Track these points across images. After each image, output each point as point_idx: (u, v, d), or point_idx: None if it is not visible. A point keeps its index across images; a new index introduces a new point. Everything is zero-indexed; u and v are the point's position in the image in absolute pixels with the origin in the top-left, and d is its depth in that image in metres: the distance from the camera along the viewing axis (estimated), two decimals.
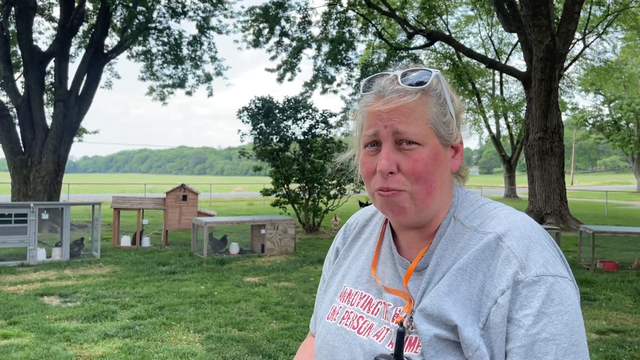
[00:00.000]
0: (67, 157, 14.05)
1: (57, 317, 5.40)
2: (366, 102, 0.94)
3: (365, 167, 0.94)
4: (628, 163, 43.38)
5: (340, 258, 1.12)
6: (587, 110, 39.78)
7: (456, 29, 28.32)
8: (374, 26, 19.10)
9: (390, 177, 0.89)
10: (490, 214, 0.93)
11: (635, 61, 32.44)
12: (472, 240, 0.90)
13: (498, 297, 0.83)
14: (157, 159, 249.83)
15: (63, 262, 8.44)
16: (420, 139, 0.89)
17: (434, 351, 0.84)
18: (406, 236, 0.99)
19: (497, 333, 0.82)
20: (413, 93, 0.90)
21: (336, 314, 1.02)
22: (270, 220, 9.82)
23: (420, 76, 0.91)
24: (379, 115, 0.90)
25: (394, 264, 0.99)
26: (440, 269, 0.90)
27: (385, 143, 0.90)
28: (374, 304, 0.98)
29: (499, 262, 0.85)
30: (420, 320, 0.87)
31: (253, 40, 18.49)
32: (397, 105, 0.89)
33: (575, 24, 14.70)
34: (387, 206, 0.91)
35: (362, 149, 0.95)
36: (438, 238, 0.94)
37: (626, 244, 11.10)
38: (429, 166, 0.89)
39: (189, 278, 7.45)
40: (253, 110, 13.18)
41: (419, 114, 0.90)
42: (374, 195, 0.93)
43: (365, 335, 0.94)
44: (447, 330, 0.85)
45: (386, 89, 0.91)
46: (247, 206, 25.08)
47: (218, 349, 4.52)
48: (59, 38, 13.81)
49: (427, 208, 0.92)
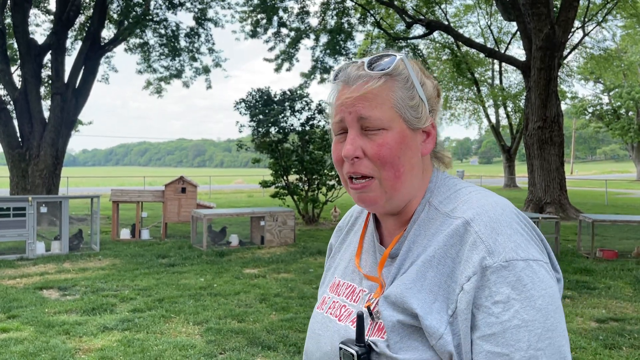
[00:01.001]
0: (65, 150, 14.01)
1: (56, 310, 5.40)
2: (335, 88, 0.95)
3: (335, 155, 0.94)
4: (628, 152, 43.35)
5: (335, 252, 1.15)
6: (586, 99, 39.73)
7: (455, 18, 28.17)
8: (372, 16, 18.99)
9: (356, 162, 0.89)
10: (464, 199, 0.91)
11: (635, 49, 32.30)
12: (443, 226, 0.89)
13: (464, 284, 0.81)
14: (156, 152, 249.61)
15: (62, 256, 8.44)
16: (385, 124, 0.89)
17: (399, 337, 0.84)
18: (386, 223, 1.00)
19: (462, 320, 0.80)
20: (377, 78, 0.90)
21: (324, 304, 1.04)
22: (270, 212, 9.81)
23: (385, 62, 0.92)
24: (343, 102, 0.91)
25: (374, 252, 1.00)
26: (412, 255, 0.90)
27: (351, 129, 0.90)
28: (357, 292, 0.99)
29: (466, 247, 0.83)
30: (384, 307, 0.88)
31: (251, 31, 18.38)
32: (361, 92, 0.89)
33: (575, 12, 14.61)
34: (360, 198, 0.92)
35: (333, 137, 0.96)
36: (412, 224, 0.93)
37: (626, 233, 11.10)
38: (394, 150, 0.89)
39: (189, 270, 7.45)
40: (250, 102, 13.13)
41: (383, 98, 0.89)
42: (347, 183, 0.94)
43: (344, 322, 0.96)
44: (410, 316, 0.84)
45: (351, 76, 0.92)
46: (246, 198, 25.08)
47: (217, 340, 4.52)
48: (55, 30, 13.73)
49: (397, 194, 0.91)
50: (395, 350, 0.83)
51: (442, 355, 0.81)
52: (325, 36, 19.24)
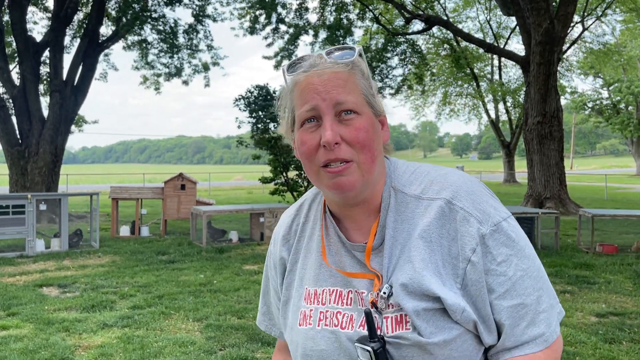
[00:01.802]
0: (65, 148, 14.00)
1: (56, 307, 5.40)
2: (296, 80, 0.94)
3: (306, 146, 0.92)
4: (627, 146, 43.35)
5: (291, 263, 1.07)
6: (586, 93, 39.68)
7: (454, 13, 28.10)
8: (371, 12, 18.94)
9: (336, 148, 0.89)
10: (428, 179, 0.96)
11: (635, 44, 32.24)
12: (419, 209, 0.93)
13: (471, 256, 0.88)
14: (156, 149, 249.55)
15: (62, 253, 8.43)
16: (359, 108, 0.91)
17: (426, 323, 0.88)
18: (352, 216, 0.98)
19: (478, 288, 0.88)
20: (344, 66, 0.92)
21: (308, 317, 0.99)
22: (269, 209, 9.81)
23: (347, 52, 0.94)
24: (315, 89, 0.91)
25: (348, 251, 0.98)
26: (398, 242, 0.93)
27: (326, 116, 0.90)
28: (344, 295, 0.96)
29: (457, 224, 0.90)
30: (403, 298, 0.89)
31: (249, 27, 18.33)
32: (331, 76, 0.91)
33: (574, 6, 14.57)
34: (337, 183, 0.91)
35: (298, 128, 0.94)
36: (384, 212, 0.95)
37: (625, 227, 11.10)
38: (369, 134, 0.91)
39: (188, 267, 7.45)
40: (249, 99, 13.11)
41: (352, 84, 0.92)
42: (319, 174, 0.92)
43: (350, 329, 0.93)
44: (431, 301, 0.88)
45: (316, 64, 0.92)
46: (246, 195, 25.08)
47: (217, 337, 4.52)
48: (53, 28, 13.69)
49: (371, 177, 0.93)
50: (428, 336, 0.87)
51: (467, 325, 0.88)
52: (324, 32, 19.20)
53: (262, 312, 1.19)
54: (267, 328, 1.19)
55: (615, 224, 11.39)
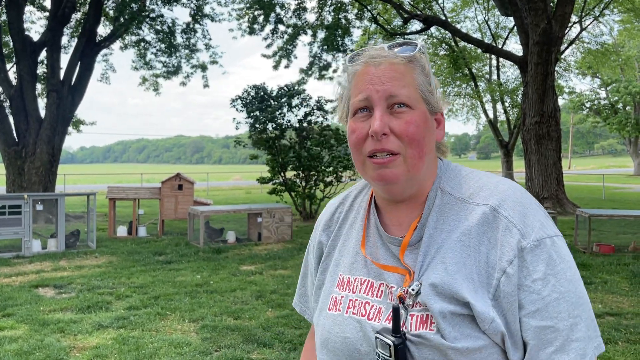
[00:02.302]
0: (62, 148, 13.97)
1: (51, 308, 5.38)
2: (354, 70, 0.96)
3: (355, 134, 0.93)
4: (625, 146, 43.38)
5: (329, 249, 1.09)
6: (584, 93, 39.69)
7: (452, 13, 28.09)
8: (369, 12, 18.93)
9: (383, 139, 0.90)
10: (478, 185, 0.95)
11: (633, 44, 32.27)
12: (463, 212, 0.92)
13: (506, 268, 0.85)
14: (154, 149, 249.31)
15: (58, 253, 8.41)
16: (412, 102, 0.91)
17: (451, 327, 0.86)
18: (394, 212, 0.99)
19: (510, 302, 0.85)
20: (402, 59, 0.93)
21: (338, 304, 1.00)
22: (267, 209, 9.79)
23: (408, 47, 0.95)
24: (370, 80, 0.92)
25: (384, 244, 0.98)
26: (435, 242, 0.92)
27: (378, 107, 0.91)
28: (376, 286, 0.96)
29: (499, 233, 0.88)
30: (431, 298, 0.87)
31: (248, 27, 18.31)
32: (387, 68, 0.92)
33: (572, 6, 14.57)
34: (381, 174, 0.91)
35: (351, 117, 0.95)
36: (427, 210, 0.95)
37: (623, 227, 11.11)
38: (420, 129, 0.91)
39: (185, 267, 7.43)
40: (246, 99, 13.09)
41: (408, 79, 0.92)
42: (365, 164, 0.93)
43: (377, 321, 0.92)
44: (460, 305, 0.86)
45: (377, 57, 0.93)
46: (244, 195, 25.06)
47: (213, 338, 4.51)
48: (51, 27, 13.66)
49: (417, 173, 0.92)
50: (451, 340, 0.85)
51: (494, 337, 0.85)
52: (323, 32, 19.18)
53: (300, 294, 1.22)
54: (301, 310, 1.22)
55: (613, 224, 11.40)
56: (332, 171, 13.14)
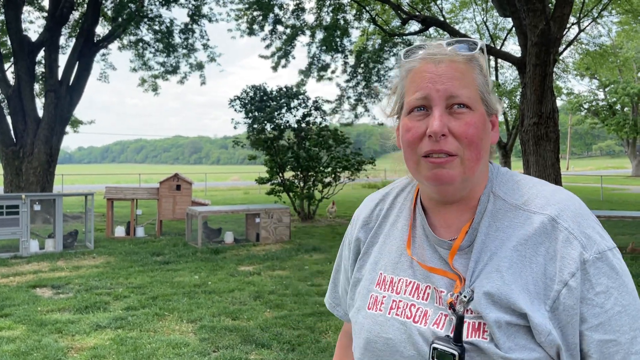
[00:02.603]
0: (60, 148, 13.93)
1: (49, 308, 5.37)
2: (411, 66, 0.93)
3: (411, 133, 0.91)
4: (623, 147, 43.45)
5: (367, 246, 1.06)
6: (582, 95, 39.72)
7: (451, 14, 28.13)
8: (368, 12, 18.93)
9: (442, 140, 0.87)
10: (532, 191, 0.93)
11: (631, 45, 32.32)
12: (518, 219, 0.90)
13: (569, 280, 0.83)
14: (152, 149, 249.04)
15: (56, 254, 8.39)
16: (472, 103, 0.89)
17: (505, 337, 0.84)
18: (443, 213, 0.97)
19: (570, 315, 0.84)
20: (462, 57, 0.91)
21: (380, 303, 0.97)
22: (265, 209, 9.78)
23: (467, 45, 0.93)
24: (430, 78, 0.89)
25: (431, 245, 0.96)
26: (488, 249, 0.89)
27: (437, 106, 0.88)
28: (422, 289, 0.94)
29: (559, 244, 0.86)
30: (486, 307, 0.85)
31: (247, 28, 18.29)
32: (448, 66, 0.89)
33: (570, 8, 14.57)
34: (436, 174, 0.89)
35: (405, 115, 0.93)
36: (479, 215, 0.93)
37: (621, 228, 11.13)
38: (479, 131, 0.89)
39: (183, 268, 7.42)
40: (245, 99, 13.08)
41: (469, 79, 0.90)
42: (419, 163, 0.91)
43: (423, 324, 0.90)
44: (516, 316, 0.84)
45: (436, 53, 0.91)
46: (242, 195, 25.03)
47: (211, 338, 4.50)
48: (49, 27, 13.63)
49: (472, 176, 0.91)
50: (506, 350, 0.83)
51: (549, 350, 0.84)
52: (321, 33, 19.17)
53: (330, 289, 1.21)
54: (330, 306, 1.20)
55: (611, 225, 11.41)
56: (331, 172, 13.14)
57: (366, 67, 20.83)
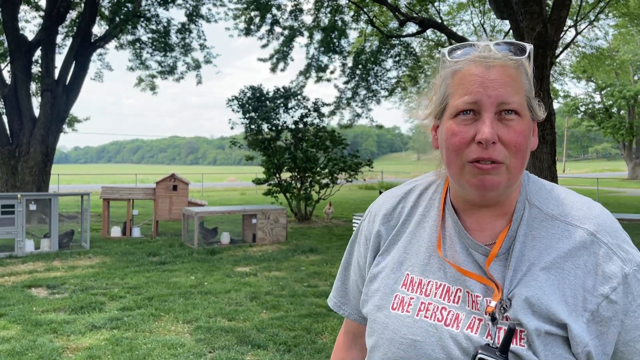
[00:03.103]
0: (56, 147, 13.89)
1: (44, 308, 5.34)
2: (458, 67, 0.91)
3: (458, 137, 0.88)
4: (619, 150, 43.59)
5: (388, 244, 1.03)
6: (578, 97, 39.85)
7: (448, 16, 28.16)
8: (365, 14, 18.94)
9: (491, 147, 0.86)
10: (567, 202, 0.94)
11: (627, 48, 32.43)
12: (555, 230, 0.91)
13: (610, 294, 0.85)
14: (149, 149, 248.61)
15: (52, 254, 8.36)
16: (521, 110, 0.88)
17: (543, 345, 0.84)
18: (477, 216, 0.95)
19: (608, 326, 0.86)
20: (514, 62, 0.89)
21: (406, 304, 0.95)
22: (262, 210, 9.77)
23: (516, 48, 0.90)
24: (481, 83, 0.87)
25: (465, 247, 0.94)
26: (526, 258, 0.89)
27: (487, 112, 0.86)
28: (452, 291, 0.93)
29: (599, 259, 0.87)
30: (527, 316, 0.85)
31: (244, 28, 18.28)
32: (500, 71, 0.87)
33: (567, 10, 14.61)
34: (482, 180, 0.87)
35: (450, 118, 0.90)
36: (516, 222, 0.92)
37: None
38: (527, 138, 0.89)
39: (179, 268, 7.40)
40: (243, 100, 13.07)
41: (518, 84, 0.88)
42: (464, 168, 0.89)
43: (455, 328, 0.89)
44: (555, 326, 0.85)
45: (487, 57, 0.88)
46: (239, 196, 24.99)
47: (207, 339, 4.49)
48: (46, 26, 13.59)
49: (514, 182, 0.90)
50: (543, 358, 0.84)
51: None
52: (319, 34, 19.18)
53: (336, 288, 1.18)
54: (335, 305, 1.17)
55: None
56: (328, 173, 13.13)
57: (364, 68, 20.85)
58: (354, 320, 1.15)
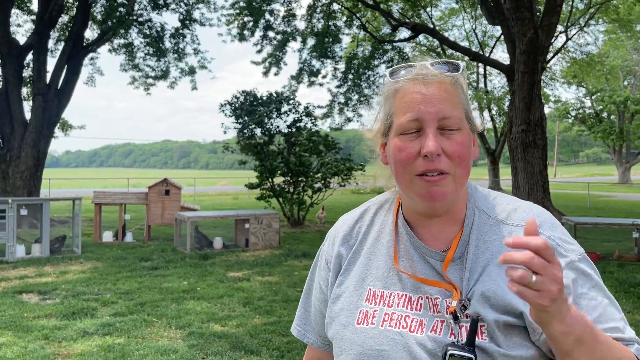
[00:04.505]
0: (47, 152, 13.82)
1: (35, 314, 5.30)
2: (399, 86, 0.96)
3: (405, 153, 0.93)
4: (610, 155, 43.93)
5: (348, 262, 1.07)
6: (569, 102, 40.13)
7: (440, 21, 28.33)
8: (358, 19, 19.02)
9: (436, 159, 0.91)
10: (510, 207, 1.01)
11: (617, 54, 32.75)
12: (504, 232, 0.97)
13: None
14: (141, 153, 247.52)
15: (43, 259, 8.30)
16: (460, 124, 0.94)
17: (504, 336, 0.89)
18: (430, 226, 1.00)
19: None
20: (450, 79, 0.94)
21: (371, 317, 0.98)
22: (254, 215, 9.76)
23: (450, 66, 0.96)
24: (421, 100, 0.92)
25: (422, 256, 0.99)
26: (480, 260, 0.94)
27: (429, 128, 0.92)
28: (414, 299, 0.96)
29: None
30: (484, 309, 0.90)
31: (238, 33, 18.29)
32: (437, 87, 0.92)
33: (558, 16, 14.77)
34: (431, 192, 0.92)
35: (396, 135, 0.95)
36: (468, 227, 0.98)
37: (608, 235, 11.23)
38: (468, 149, 0.95)
39: (172, 273, 7.37)
40: (236, 104, 13.07)
41: (457, 99, 0.94)
42: (412, 182, 0.94)
43: (420, 333, 0.93)
44: (512, 316, 0.89)
45: (425, 75, 0.94)
46: (231, 200, 24.94)
47: (200, 345, 4.47)
48: (37, 30, 13.54)
49: (460, 191, 0.96)
50: (506, 348, 0.88)
51: (543, 347, 0.89)
52: (312, 39, 19.23)
53: (299, 316, 1.20)
54: (299, 334, 1.19)
55: (598, 232, 11.52)
56: (321, 177, 13.14)
57: (356, 73, 20.91)
58: (317, 347, 1.17)
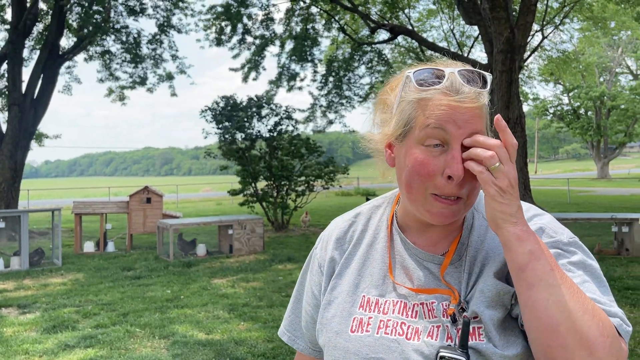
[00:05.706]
0: (25, 162, 13.59)
1: (15, 329, 5.19)
2: (426, 95, 0.87)
3: (427, 169, 0.87)
4: (588, 150, 44.63)
5: (341, 267, 1.03)
6: (547, 100, 40.71)
7: (418, 22, 28.52)
8: (337, 22, 19.08)
9: (459, 184, 0.86)
10: None
11: (592, 51, 33.30)
12: None
13: None
14: (122, 161, 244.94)
15: (22, 272, 8.15)
16: None
17: (500, 335, 0.87)
18: (429, 233, 0.98)
19: None
20: (484, 95, 0.87)
21: (365, 324, 0.95)
22: (238, 220, 9.70)
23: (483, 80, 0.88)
24: (451, 116, 0.85)
25: (418, 263, 0.97)
26: (479, 262, 0.93)
27: (456, 145, 0.85)
28: (409, 306, 0.94)
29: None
30: (480, 307, 0.88)
31: (215, 38, 18.20)
32: (470, 107, 0.85)
33: (533, 15, 14.96)
34: (443, 213, 0.89)
35: (416, 145, 0.88)
36: (467, 230, 0.96)
37: (587, 230, 11.38)
38: None
39: (155, 282, 7.28)
40: (216, 110, 13.00)
41: (484, 121, 0.88)
42: (427, 199, 0.89)
43: (417, 340, 0.90)
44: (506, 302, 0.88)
45: (460, 87, 0.86)
46: (215, 206, 24.78)
47: (184, 354, 4.42)
48: (12, 39, 13.32)
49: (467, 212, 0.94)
50: (501, 348, 0.86)
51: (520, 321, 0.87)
52: (291, 43, 19.22)
53: (288, 322, 1.16)
54: (289, 339, 1.16)
55: (578, 227, 11.65)
56: (304, 181, 13.12)
57: (337, 75, 20.95)
58: (308, 354, 1.14)
